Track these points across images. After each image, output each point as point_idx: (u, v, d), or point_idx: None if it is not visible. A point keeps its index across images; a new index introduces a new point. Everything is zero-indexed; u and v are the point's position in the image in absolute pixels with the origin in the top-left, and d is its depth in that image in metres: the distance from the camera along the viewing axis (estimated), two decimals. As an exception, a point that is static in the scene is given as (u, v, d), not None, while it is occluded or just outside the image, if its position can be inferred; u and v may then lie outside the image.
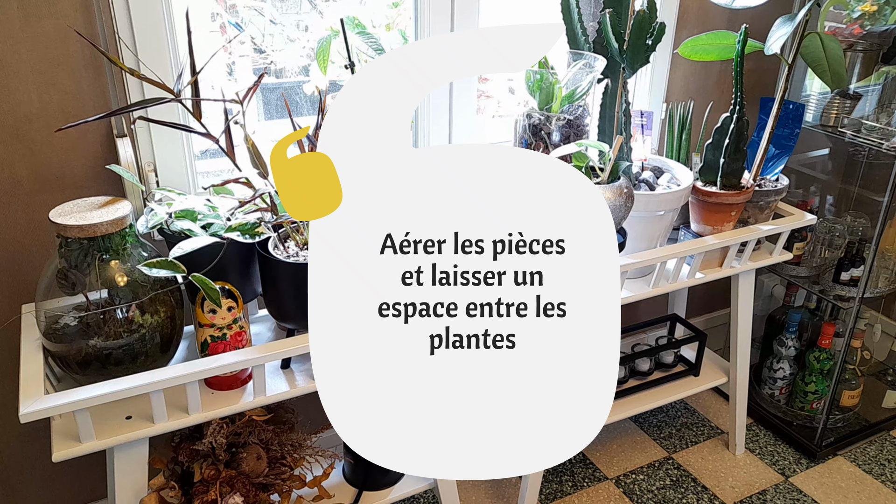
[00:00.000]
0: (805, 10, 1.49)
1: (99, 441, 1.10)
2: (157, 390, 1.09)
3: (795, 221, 1.72)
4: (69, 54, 1.23)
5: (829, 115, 1.90)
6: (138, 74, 1.04)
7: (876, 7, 1.74)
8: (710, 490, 1.90)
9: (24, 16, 1.18)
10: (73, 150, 1.30)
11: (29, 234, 1.32)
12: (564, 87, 1.43)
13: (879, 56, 1.82)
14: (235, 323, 1.19)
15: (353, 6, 1.64)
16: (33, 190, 1.29)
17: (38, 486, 1.57)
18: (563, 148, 1.37)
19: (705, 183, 1.64)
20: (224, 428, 1.25)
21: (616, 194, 1.28)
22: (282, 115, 1.67)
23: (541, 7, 1.71)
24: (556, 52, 1.51)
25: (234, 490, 1.24)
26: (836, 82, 1.55)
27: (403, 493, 1.51)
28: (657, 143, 1.93)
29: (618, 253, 0.90)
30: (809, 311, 2.12)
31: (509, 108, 1.95)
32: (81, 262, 1.11)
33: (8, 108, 1.22)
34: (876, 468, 1.99)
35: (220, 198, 1.26)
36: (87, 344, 1.12)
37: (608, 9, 1.44)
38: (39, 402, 1.02)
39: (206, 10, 1.53)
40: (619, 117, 1.51)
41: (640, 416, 2.17)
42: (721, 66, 1.97)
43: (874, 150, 1.83)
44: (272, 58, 1.63)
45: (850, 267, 1.86)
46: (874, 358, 2.18)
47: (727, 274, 1.70)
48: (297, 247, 1.21)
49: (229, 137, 1.11)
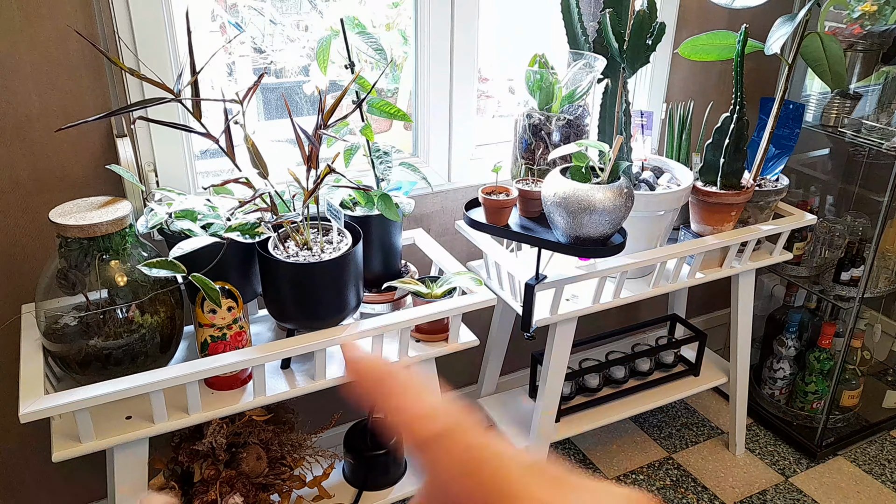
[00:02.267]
0: (805, 10, 1.49)
1: (99, 441, 1.10)
2: (157, 390, 1.09)
3: (795, 221, 1.72)
4: (69, 54, 1.23)
5: (829, 115, 1.90)
6: (138, 74, 1.03)
7: (876, 7, 1.74)
8: (710, 490, 1.90)
9: (24, 16, 1.18)
10: (73, 150, 1.30)
11: (29, 234, 1.32)
12: (564, 87, 1.43)
13: (879, 56, 1.82)
14: (235, 323, 1.19)
15: (353, 6, 1.64)
16: (33, 190, 1.29)
17: (38, 486, 1.57)
18: (563, 148, 1.37)
19: (705, 183, 1.64)
20: (224, 428, 1.25)
21: (616, 194, 1.28)
22: (282, 115, 1.68)
23: (541, 7, 1.71)
24: (556, 52, 1.51)
25: (234, 490, 1.24)
26: (836, 82, 1.55)
27: (403, 493, 1.51)
28: (657, 143, 1.93)
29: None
30: (809, 311, 2.12)
31: (509, 108, 1.95)
32: (81, 262, 1.11)
33: (8, 108, 1.22)
34: (876, 468, 1.99)
35: (220, 198, 1.26)
36: (87, 344, 1.12)
37: (608, 9, 1.44)
38: (39, 402, 1.02)
39: (206, 10, 1.53)
40: (619, 117, 1.51)
41: (640, 416, 2.17)
42: (721, 66, 1.97)
43: (874, 150, 1.83)
44: (272, 58, 1.63)
45: (850, 267, 1.86)
46: (874, 358, 2.18)
47: (727, 274, 1.70)
48: (297, 247, 1.21)
49: (229, 137, 1.11)
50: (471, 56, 1.61)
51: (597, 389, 1.83)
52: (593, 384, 1.82)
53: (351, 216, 1.32)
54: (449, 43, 1.57)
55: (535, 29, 1.81)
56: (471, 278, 1.35)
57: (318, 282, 1.17)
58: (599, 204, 1.26)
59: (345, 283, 1.19)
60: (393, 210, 1.30)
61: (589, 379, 1.82)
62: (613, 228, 1.32)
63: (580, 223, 1.28)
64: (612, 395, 1.83)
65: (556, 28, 1.53)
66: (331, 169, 1.13)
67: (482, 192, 1.42)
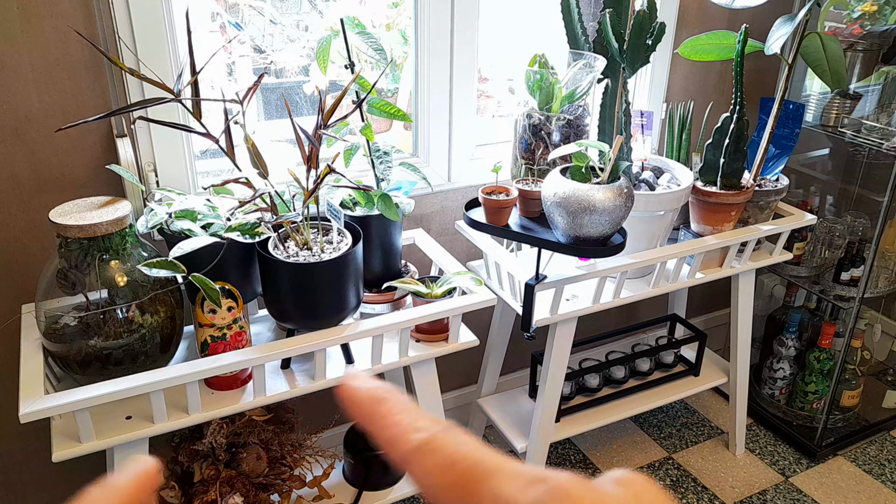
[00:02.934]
0: (805, 10, 1.49)
1: (99, 441, 1.10)
2: (157, 390, 1.09)
3: (795, 221, 1.72)
4: (69, 54, 1.23)
5: (829, 115, 1.90)
6: (138, 74, 1.03)
7: (876, 7, 1.74)
8: (711, 490, 1.90)
9: (24, 16, 1.18)
10: (73, 150, 1.30)
11: (29, 234, 1.32)
12: (564, 87, 1.43)
13: (879, 56, 1.82)
14: (235, 323, 1.19)
15: (353, 6, 1.65)
16: (33, 190, 1.29)
17: (38, 486, 1.57)
18: (563, 148, 1.37)
19: (705, 183, 1.64)
20: (224, 428, 1.25)
21: (616, 194, 1.28)
22: (282, 115, 1.68)
23: (541, 7, 1.70)
24: (556, 52, 1.51)
25: (234, 490, 1.24)
26: (836, 82, 1.55)
27: (403, 493, 1.51)
28: (657, 143, 1.93)
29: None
30: (809, 311, 2.12)
31: (509, 108, 1.95)
32: (81, 262, 1.11)
33: (8, 108, 1.22)
34: (876, 468, 1.99)
35: (220, 198, 1.26)
36: (87, 344, 1.12)
37: (608, 9, 1.44)
38: (39, 402, 1.02)
39: (206, 10, 1.53)
40: (619, 117, 1.51)
41: (640, 416, 2.17)
42: (721, 66, 1.97)
43: (874, 150, 1.83)
44: (272, 58, 1.63)
45: (850, 267, 1.86)
46: (874, 358, 2.18)
47: (727, 274, 1.70)
48: (297, 247, 1.21)
49: (229, 137, 1.11)
50: (471, 56, 1.61)
51: (597, 389, 1.83)
52: (593, 384, 1.82)
53: (351, 216, 1.32)
54: (449, 43, 1.57)
55: (535, 29, 1.81)
56: (471, 278, 1.35)
57: (318, 282, 1.17)
58: (599, 204, 1.26)
59: (345, 283, 1.19)
60: (393, 210, 1.30)
61: (589, 379, 1.82)
62: (613, 228, 1.32)
63: (580, 223, 1.28)
64: (612, 395, 1.83)
65: (556, 28, 1.53)
66: (331, 169, 1.13)
67: (482, 192, 1.42)
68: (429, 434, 0.28)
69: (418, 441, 0.28)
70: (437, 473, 0.27)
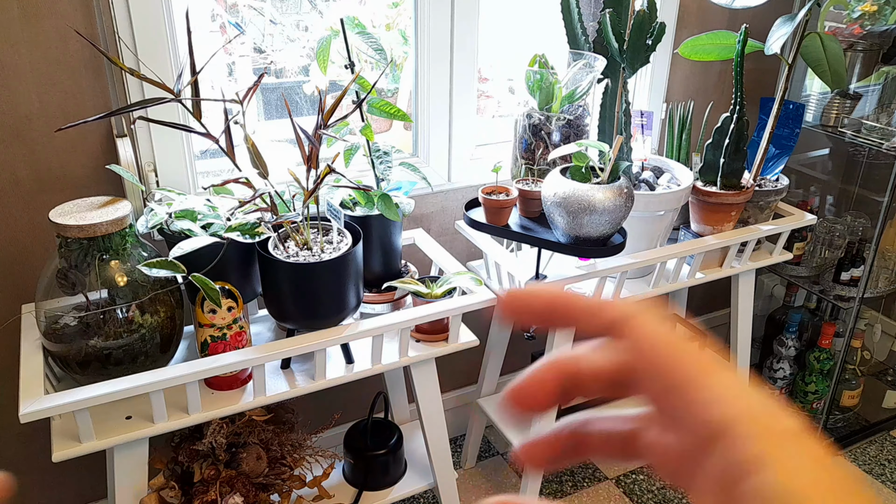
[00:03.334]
0: (805, 10, 1.49)
1: (99, 441, 1.10)
2: (157, 390, 1.09)
3: (795, 221, 1.72)
4: (69, 54, 1.23)
5: (829, 115, 1.90)
6: (138, 74, 1.03)
7: (876, 7, 1.74)
8: (710, 490, 1.90)
9: (24, 16, 1.18)
10: (73, 150, 1.30)
11: (29, 234, 1.32)
12: (564, 87, 1.43)
13: (879, 56, 1.82)
14: (235, 323, 1.19)
15: (353, 6, 1.65)
16: (33, 190, 1.29)
17: (38, 486, 1.57)
18: (563, 148, 1.37)
19: (705, 183, 1.64)
20: (224, 428, 1.25)
21: (616, 194, 1.28)
22: (282, 115, 1.67)
23: (541, 7, 1.71)
24: (556, 52, 1.51)
25: (234, 490, 1.24)
26: (836, 82, 1.55)
27: (403, 493, 1.51)
28: (657, 143, 1.93)
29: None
30: (809, 311, 2.12)
31: (509, 108, 1.95)
32: (81, 262, 1.11)
33: (8, 108, 1.22)
34: (876, 468, 1.99)
35: (220, 198, 1.26)
36: (87, 344, 1.12)
37: (608, 9, 1.44)
38: (39, 402, 1.02)
39: (206, 10, 1.53)
40: (619, 117, 1.51)
41: (640, 416, 2.17)
42: (721, 66, 1.97)
43: (874, 150, 1.83)
44: (272, 58, 1.63)
45: (850, 267, 1.86)
46: (874, 358, 2.18)
47: (727, 274, 1.70)
48: (297, 247, 1.21)
49: (229, 137, 1.11)
50: (471, 56, 1.61)
51: (597, 389, 1.83)
52: (593, 384, 1.82)
53: (351, 216, 1.32)
54: (449, 43, 1.57)
55: (535, 29, 1.81)
56: (471, 278, 1.35)
57: (317, 282, 1.17)
58: (599, 204, 1.27)
59: (344, 283, 1.19)
60: (393, 210, 1.30)
61: (589, 379, 1.82)
62: (613, 228, 1.32)
63: (580, 223, 1.28)
64: (612, 395, 1.83)
65: (556, 28, 1.53)
66: (331, 169, 1.13)
67: (482, 192, 1.42)
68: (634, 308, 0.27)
69: (627, 310, 0.27)
70: (656, 334, 0.26)
